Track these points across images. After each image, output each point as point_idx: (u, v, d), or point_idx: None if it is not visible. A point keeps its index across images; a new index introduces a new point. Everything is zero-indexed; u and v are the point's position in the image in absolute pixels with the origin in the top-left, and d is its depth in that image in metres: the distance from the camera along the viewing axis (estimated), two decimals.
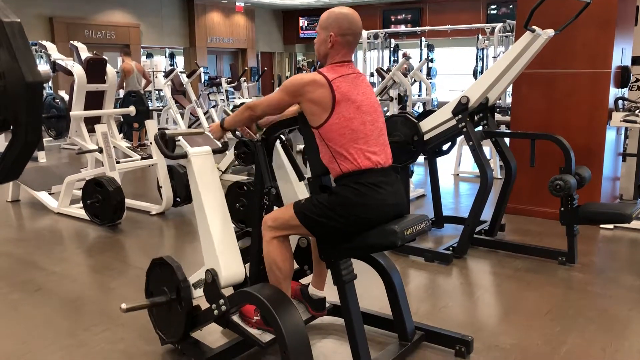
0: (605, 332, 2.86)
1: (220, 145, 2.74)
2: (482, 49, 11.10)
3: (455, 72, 15.75)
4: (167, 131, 2.59)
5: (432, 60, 13.14)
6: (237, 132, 2.58)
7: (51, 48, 5.89)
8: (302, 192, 2.68)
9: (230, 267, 2.38)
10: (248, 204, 4.40)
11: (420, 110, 9.93)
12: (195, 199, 2.44)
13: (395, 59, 13.05)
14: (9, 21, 1.24)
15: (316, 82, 2.21)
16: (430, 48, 13.49)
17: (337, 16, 2.28)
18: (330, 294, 2.57)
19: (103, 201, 4.77)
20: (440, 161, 4.71)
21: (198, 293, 2.45)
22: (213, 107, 12.10)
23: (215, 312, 2.34)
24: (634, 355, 2.64)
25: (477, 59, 11.52)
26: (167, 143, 2.49)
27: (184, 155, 2.41)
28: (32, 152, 1.38)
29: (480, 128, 4.10)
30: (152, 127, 5.35)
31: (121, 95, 9.16)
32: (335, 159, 2.24)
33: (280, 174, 2.68)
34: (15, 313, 3.18)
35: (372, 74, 11.30)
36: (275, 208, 2.52)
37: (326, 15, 2.31)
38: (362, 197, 2.20)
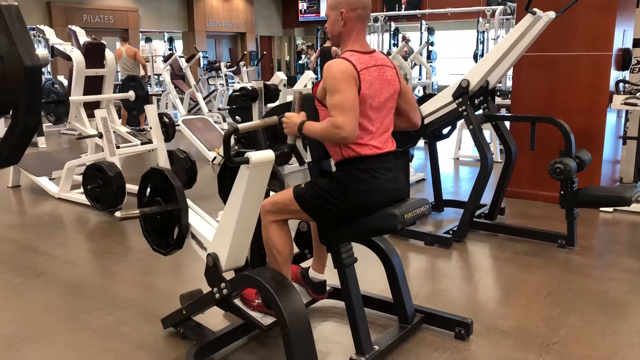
0: (604, 314, 2.88)
1: (286, 148, 2.36)
2: (483, 32, 11.03)
3: (456, 55, 15.67)
4: (241, 125, 2.12)
5: (432, 44, 13.05)
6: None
7: (49, 33, 5.85)
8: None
9: (234, 252, 2.38)
10: None
11: (421, 94, 9.89)
12: (234, 202, 2.18)
13: (396, 42, 12.98)
14: (7, 5, 1.23)
15: (348, 70, 2.16)
16: (431, 31, 13.40)
17: None
18: (331, 277, 2.59)
19: (104, 186, 4.77)
20: (441, 145, 4.71)
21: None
22: (212, 92, 12.07)
23: (217, 295, 2.35)
24: (632, 337, 2.66)
25: (477, 42, 11.45)
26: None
27: (246, 161, 2.04)
28: (32, 137, 1.38)
29: (480, 112, 4.09)
30: (151, 111, 5.33)
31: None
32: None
33: None
34: (18, 298, 3.20)
35: None
36: (273, 193, 2.53)
37: None
38: (363, 183, 2.20)
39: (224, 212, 2.25)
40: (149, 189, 2.55)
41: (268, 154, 2.08)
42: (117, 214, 2.36)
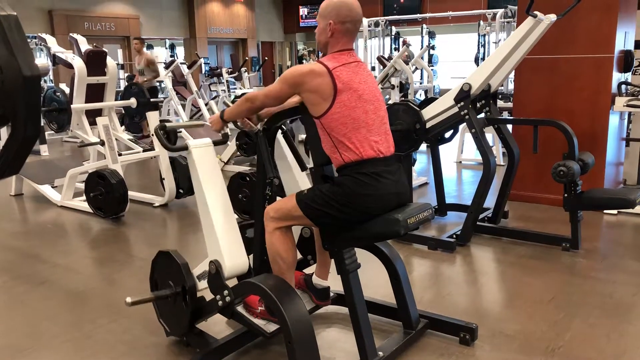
0: (609, 317, 2.86)
1: (221, 137, 2.73)
2: (484, 35, 11.04)
3: (457, 59, 15.67)
4: (167, 124, 2.58)
5: (433, 48, 13.06)
6: (238, 123, 2.55)
7: (51, 41, 5.87)
8: (303, 182, 2.67)
9: (234, 257, 2.38)
10: (251, 194, 4.40)
11: (422, 97, 9.89)
12: (197, 191, 2.44)
13: (397, 46, 12.99)
14: (5, 15, 1.22)
15: (314, 72, 2.20)
16: (432, 35, 13.41)
17: (336, 4, 2.26)
18: (334, 283, 2.58)
19: (106, 194, 4.77)
20: (443, 149, 4.70)
21: (202, 285, 2.45)
22: (214, 97, 12.09)
23: (220, 303, 2.35)
24: (638, 340, 2.64)
25: (478, 45, 11.46)
26: (168, 135, 2.49)
27: (185, 148, 2.41)
28: (32, 147, 1.37)
29: (482, 115, 4.08)
30: (153, 119, 5.34)
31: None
32: (338, 149, 2.23)
33: (282, 165, 2.67)
34: (21, 306, 3.20)
35: (373, 68, 11.25)
36: (277, 199, 2.52)
37: (325, 3, 2.29)
38: (365, 187, 2.19)
39: (200, 214, 2.44)
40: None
41: (205, 140, 2.47)
42: (128, 299, 2.43)
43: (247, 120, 2.50)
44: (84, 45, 5.75)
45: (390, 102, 7.44)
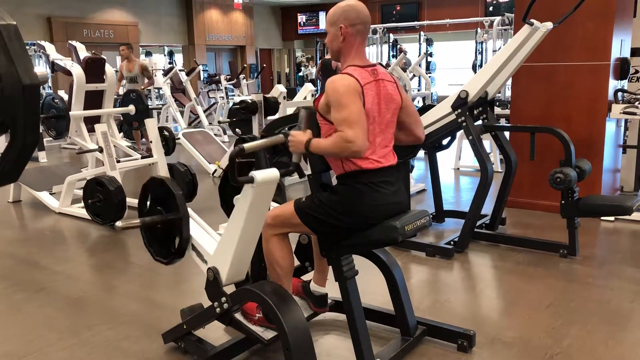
0: (607, 324, 2.86)
1: (291, 166, 2.34)
2: (481, 43, 11.08)
3: (455, 66, 15.73)
4: (246, 145, 2.08)
5: (431, 55, 13.12)
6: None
7: (50, 48, 5.89)
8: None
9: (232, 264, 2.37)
10: None
11: (420, 104, 9.92)
12: (236, 219, 2.17)
13: (395, 54, 13.04)
14: (5, 24, 1.24)
15: (352, 85, 2.15)
16: (429, 42, 13.47)
17: (343, 9, 2.27)
18: (332, 289, 2.58)
19: (104, 200, 4.77)
20: (441, 156, 4.71)
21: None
22: (212, 104, 12.12)
23: (218, 310, 2.35)
24: (636, 347, 2.64)
25: (476, 52, 11.50)
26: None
27: (251, 180, 2.01)
28: (31, 155, 1.38)
29: (480, 122, 4.10)
30: (151, 126, 5.34)
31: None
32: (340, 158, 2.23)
33: None
34: (19, 313, 3.19)
35: None
36: (274, 205, 2.52)
37: (332, 11, 2.29)
38: (363, 196, 2.20)
39: (227, 228, 2.24)
40: (149, 199, 2.55)
41: (273, 173, 2.04)
42: (118, 223, 2.38)
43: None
44: (83, 53, 5.77)
45: None
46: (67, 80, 5.78)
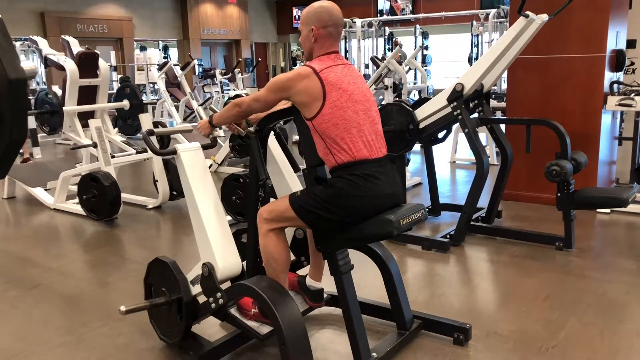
0: (603, 316, 2.87)
1: (210, 141, 2.73)
2: (477, 35, 11.07)
3: (451, 59, 15.71)
4: (156, 129, 2.59)
5: (426, 48, 13.08)
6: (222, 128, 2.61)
7: (42, 43, 5.85)
8: (295, 184, 2.67)
9: (227, 259, 2.37)
10: (244, 196, 4.39)
11: (416, 98, 9.90)
12: (187, 195, 2.44)
13: (390, 47, 13.01)
14: None
15: (300, 75, 2.23)
16: (425, 35, 13.43)
17: (316, 10, 2.31)
18: (328, 284, 2.57)
19: (99, 196, 4.75)
20: (436, 149, 4.70)
21: (196, 289, 2.44)
22: (208, 99, 12.07)
23: (213, 305, 2.34)
24: (632, 338, 2.65)
25: (471, 45, 11.49)
26: (162, 140, 2.49)
27: (173, 152, 2.42)
28: (18, 151, 1.36)
29: (475, 115, 4.09)
30: (146, 121, 5.32)
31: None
32: (330, 151, 2.23)
33: (271, 168, 2.67)
34: (13, 310, 3.17)
35: (367, 66, 11.24)
36: (270, 200, 2.52)
37: (305, 11, 2.34)
38: (358, 188, 2.19)
39: (191, 217, 2.43)
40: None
41: (193, 144, 2.48)
42: (122, 307, 2.41)
43: (235, 125, 2.53)
44: (76, 47, 5.72)
45: (384, 102, 7.44)
46: (61, 75, 5.74)
